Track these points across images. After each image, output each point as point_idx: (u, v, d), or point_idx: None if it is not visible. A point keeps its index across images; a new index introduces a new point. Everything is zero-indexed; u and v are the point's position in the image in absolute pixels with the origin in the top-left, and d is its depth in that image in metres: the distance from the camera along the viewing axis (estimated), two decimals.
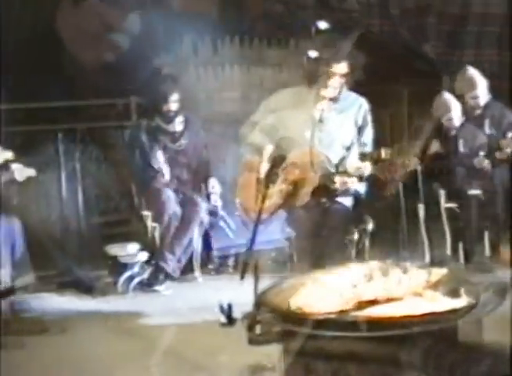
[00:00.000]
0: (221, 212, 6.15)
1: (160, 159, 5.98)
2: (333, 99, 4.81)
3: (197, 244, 6.07)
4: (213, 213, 6.11)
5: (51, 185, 6.42)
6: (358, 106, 4.91)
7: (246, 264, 3.27)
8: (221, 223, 6.20)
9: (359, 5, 7.79)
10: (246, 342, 3.11)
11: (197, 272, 6.08)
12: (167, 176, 6.00)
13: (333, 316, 2.92)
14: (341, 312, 2.96)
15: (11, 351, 4.42)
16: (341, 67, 4.74)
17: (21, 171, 4.93)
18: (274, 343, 3.05)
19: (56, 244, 6.15)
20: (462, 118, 6.15)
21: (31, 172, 5.01)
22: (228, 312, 4.21)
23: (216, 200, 6.10)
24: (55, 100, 6.94)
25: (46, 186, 6.41)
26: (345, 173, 4.66)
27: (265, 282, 3.47)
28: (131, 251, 5.76)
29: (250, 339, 3.03)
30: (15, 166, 4.90)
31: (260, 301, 3.13)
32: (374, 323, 2.85)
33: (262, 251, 4.86)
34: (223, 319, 4.28)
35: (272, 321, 3.00)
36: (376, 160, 4.45)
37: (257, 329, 2.98)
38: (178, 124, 6.10)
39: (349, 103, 4.90)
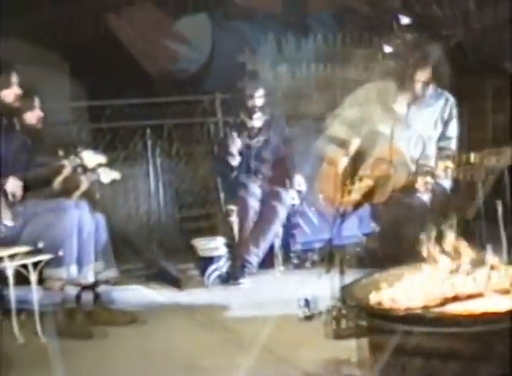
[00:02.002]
0: (303, 207, 6.21)
1: (242, 154, 6.05)
2: (417, 98, 4.78)
3: (279, 239, 6.14)
4: (292, 209, 6.18)
5: (138, 179, 6.56)
6: (445, 101, 4.85)
7: (331, 258, 3.31)
8: (300, 219, 6.26)
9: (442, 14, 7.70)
10: (325, 336, 3.14)
11: (278, 267, 6.14)
12: (250, 171, 6.08)
13: (415, 311, 2.95)
14: (424, 307, 2.98)
15: (95, 340, 4.51)
16: (425, 74, 4.70)
17: (107, 174, 5.02)
18: (358, 337, 3.08)
19: (143, 237, 6.27)
20: None
21: (116, 175, 5.08)
22: (308, 306, 4.28)
23: (294, 198, 6.14)
24: (143, 97, 7.07)
25: (134, 181, 6.55)
26: (430, 173, 4.61)
27: (348, 277, 3.51)
28: (218, 245, 5.85)
29: (335, 333, 3.06)
30: (101, 169, 4.97)
31: (344, 296, 3.18)
32: (456, 319, 2.87)
33: (346, 245, 4.84)
34: (304, 313, 4.36)
35: (356, 316, 3.03)
36: (464, 163, 4.39)
37: (342, 323, 3.02)
38: (256, 121, 6.14)
39: (434, 98, 4.84)
